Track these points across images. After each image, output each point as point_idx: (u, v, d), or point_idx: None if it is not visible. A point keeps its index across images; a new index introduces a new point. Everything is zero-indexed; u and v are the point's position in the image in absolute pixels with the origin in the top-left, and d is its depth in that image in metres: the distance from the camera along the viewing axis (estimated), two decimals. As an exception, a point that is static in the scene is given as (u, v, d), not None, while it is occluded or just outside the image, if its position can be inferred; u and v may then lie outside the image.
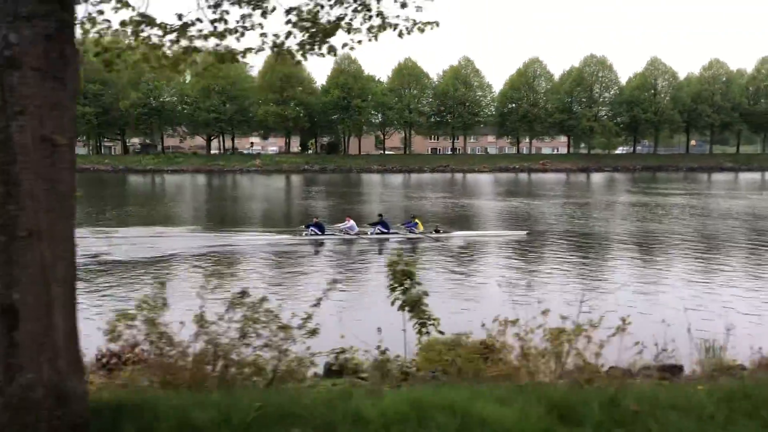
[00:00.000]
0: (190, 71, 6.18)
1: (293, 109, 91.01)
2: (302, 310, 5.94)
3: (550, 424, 3.94)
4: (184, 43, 5.25)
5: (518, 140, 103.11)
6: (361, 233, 25.20)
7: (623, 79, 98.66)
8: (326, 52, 5.92)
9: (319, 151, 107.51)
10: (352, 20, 5.87)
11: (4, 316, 3.37)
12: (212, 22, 5.27)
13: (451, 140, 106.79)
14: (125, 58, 5.27)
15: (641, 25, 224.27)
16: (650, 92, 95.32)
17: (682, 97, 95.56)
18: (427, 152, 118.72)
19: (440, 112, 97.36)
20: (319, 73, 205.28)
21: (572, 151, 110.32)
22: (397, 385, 5.83)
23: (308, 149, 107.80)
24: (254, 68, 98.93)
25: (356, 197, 46.51)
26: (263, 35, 5.74)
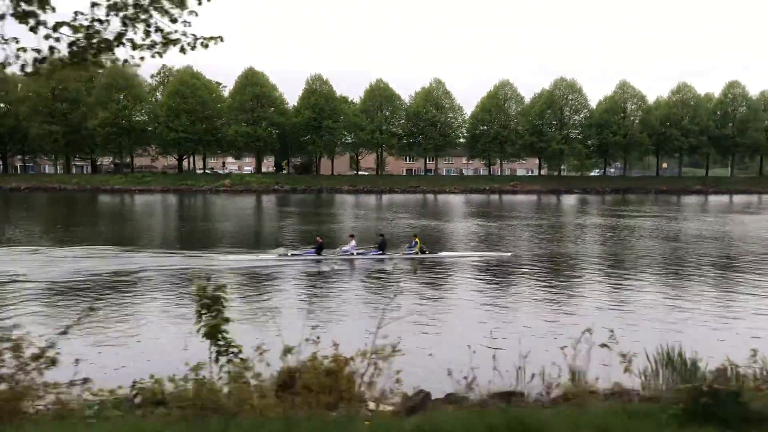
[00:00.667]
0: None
1: (264, 129, 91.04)
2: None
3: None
4: None
5: (490, 162, 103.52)
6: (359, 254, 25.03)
7: (593, 102, 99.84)
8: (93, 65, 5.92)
9: (291, 171, 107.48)
10: (132, 37, 5.83)
11: None
12: None
13: (417, 161, 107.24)
14: None
15: (611, 47, 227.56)
16: (619, 115, 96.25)
17: (650, 120, 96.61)
18: (402, 173, 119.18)
19: (412, 133, 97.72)
20: (291, 93, 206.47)
21: (549, 173, 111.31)
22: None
23: (282, 169, 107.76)
24: (226, 88, 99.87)
25: (326, 218, 46.10)
26: (21, 49, 5.58)
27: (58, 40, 5.69)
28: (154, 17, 5.70)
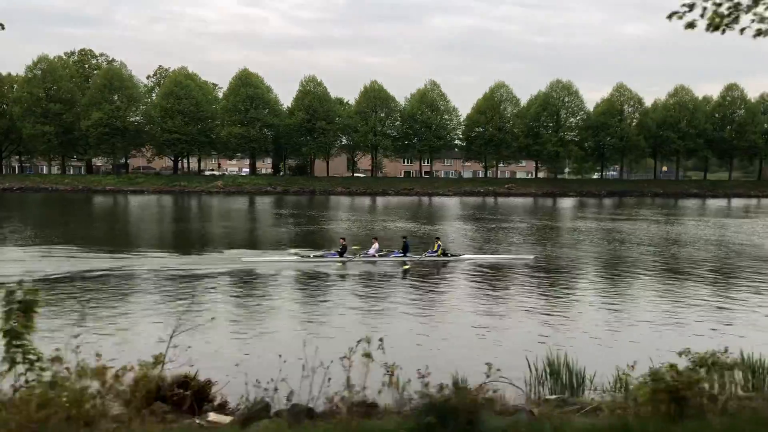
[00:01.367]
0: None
1: (257, 130, 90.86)
2: None
3: None
4: None
5: (486, 164, 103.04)
6: (382, 255, 25.01)
7: (590, 104, 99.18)
8: None
9: (287, 172, 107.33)
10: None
11: None
12: None
13: (419, 163, 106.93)
14: None
15: (608, 51, 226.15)
16: (616, 118, 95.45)
17: (647, 123, 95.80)
18: (400, 175, 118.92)
19: (407, 135, 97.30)
20: (285, 95, 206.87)
21: (549, 176, 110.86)
22: None
23: (280, 171, 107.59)
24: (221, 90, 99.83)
25: (322, 220, 45.71)
26: None
27: None
28: None
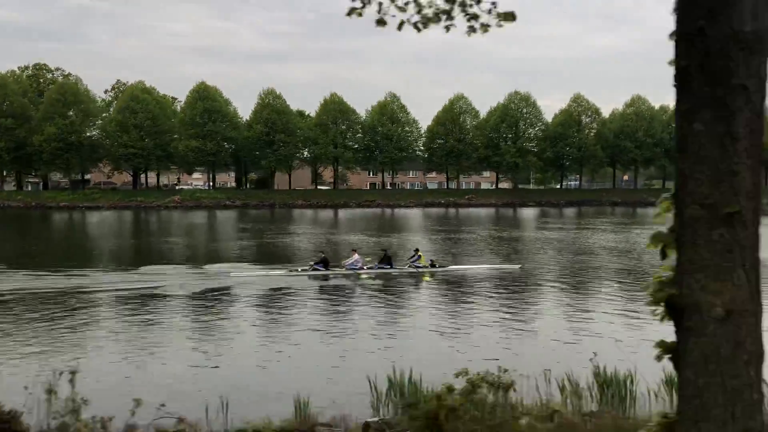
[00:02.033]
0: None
1: (215, 143, 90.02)
2: None
3: None
4: None
5: (447, 175, 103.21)
6: (368, 268, 25.21)
7: (548, 116, 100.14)
8: None
9: (250, 186, 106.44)
10: None
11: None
12: None
13: (380, 175, 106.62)
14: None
15: (579, 62, 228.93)
16: (574, 128, 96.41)
17: (605, 133, 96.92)
18: (365, 187, 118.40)
19: (368, 147, 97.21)
20: (245, 108, 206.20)
21: (514, 186, 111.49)
22: None
23: (243, 185, 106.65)
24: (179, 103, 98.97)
25: (278, 234, 45.16)
26: None
27: None
28: None
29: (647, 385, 9.75)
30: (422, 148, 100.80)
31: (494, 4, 4.33)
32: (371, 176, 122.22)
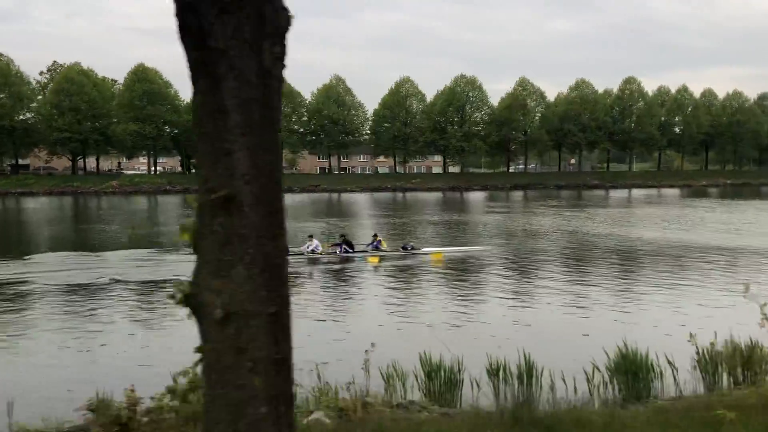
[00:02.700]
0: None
1: (154, 127, 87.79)
2: None
3: None
4: None
5: (395, 159, 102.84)
6: (327, 253, 24.48)
7: (494, 99, 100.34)
8: None
9: (194, 171, 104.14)
10: None
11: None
12: None
13: (332, 159, 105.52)
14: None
15: (535, 46, 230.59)
16: (520, 112, 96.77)
17: (550, 116, 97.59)
18: (315, 171, 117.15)
19: (314, 131, 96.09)
20: (186, 91, 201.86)
21: (464, 170, 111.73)
22: None
23: (188, 169, 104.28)
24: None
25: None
26: None
27: None
28: None
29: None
30: (368, 132, 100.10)
31: None
32: (320, 161, 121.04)
